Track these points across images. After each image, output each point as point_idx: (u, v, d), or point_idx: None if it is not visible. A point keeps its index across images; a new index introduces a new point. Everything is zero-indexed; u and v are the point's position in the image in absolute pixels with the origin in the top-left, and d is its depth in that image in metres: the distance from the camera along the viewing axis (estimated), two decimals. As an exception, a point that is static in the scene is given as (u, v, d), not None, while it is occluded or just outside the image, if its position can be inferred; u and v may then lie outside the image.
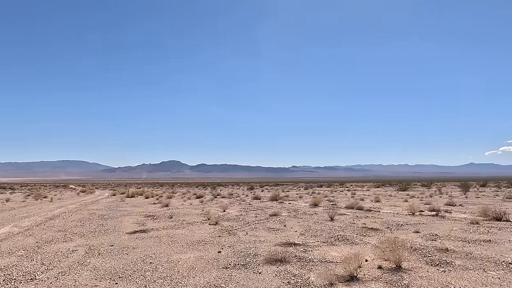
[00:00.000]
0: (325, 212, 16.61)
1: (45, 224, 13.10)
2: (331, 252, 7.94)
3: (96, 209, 19.43)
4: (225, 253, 7.82)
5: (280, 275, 6.08)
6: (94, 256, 7.65)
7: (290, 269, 6.46)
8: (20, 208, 20.44)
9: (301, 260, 7.10)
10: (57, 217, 15.33)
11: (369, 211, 16.98)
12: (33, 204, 23.99)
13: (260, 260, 7.13)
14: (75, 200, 30.09)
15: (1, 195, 37.37)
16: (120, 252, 8.00)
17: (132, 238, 9.90)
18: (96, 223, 13.30)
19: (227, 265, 6.78)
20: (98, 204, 23.70)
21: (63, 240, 9.66)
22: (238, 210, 17.92)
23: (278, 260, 6.93)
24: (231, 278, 5.94)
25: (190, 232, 10.98)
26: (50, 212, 17.98)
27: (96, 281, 5.77)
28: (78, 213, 17.17)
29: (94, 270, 6.46)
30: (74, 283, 5.69)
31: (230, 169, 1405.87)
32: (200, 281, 5.78)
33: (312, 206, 20.39)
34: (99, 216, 15.83)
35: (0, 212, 18.03)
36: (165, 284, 5.63)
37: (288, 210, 17.95)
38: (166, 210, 18.57)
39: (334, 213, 14.46)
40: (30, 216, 15.99)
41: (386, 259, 6.74)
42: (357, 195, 32.84)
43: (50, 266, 6.71)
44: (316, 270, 6.37)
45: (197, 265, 6.77)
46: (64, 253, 7.96)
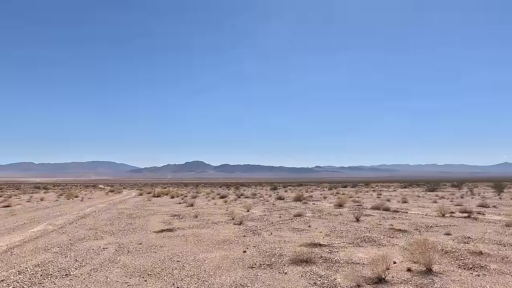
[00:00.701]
0: (350, 212, 16.35)
1: (77, 222, 13.65)
2: (357, 253, 7.82)
3: (124, 208, 20.03)
4: (250, 253, 7.87)
5: (306, 276, 6.05)
6: (123, 253, 7.90)
7: (316, 270, 6.41)
8: (54, 207, 21.40)
9: (327, 261, 7.04)
10: (88, 216, 15.93)
11: (396, 212, 16.55)
12: (65, 203, 25.06)
13: (285, 260, 7.12)
14: (104, 199, 31.14)
15: (36, 195, 39.24)
16: (148, 250, 8.22)
17: (159, 237, 10.14)
18: (125, 222, 13.72)
19: (253, 264, 6.82)
20: (126, 204, 24.43)
21: (94, 238, 10.03)
22: (261, 210, 17.95)
23: (303, 261, 6.90)
24: (256, 277, 5.98)
25: (215, 231, 11.11)
26: (81, 211, 18.71)
27: (126, 278, 5.96)
28: (108, 212, 17.77)
29: (124, 267, 6.68)
30: (105, 279, 5.90)
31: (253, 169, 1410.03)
32: (226, 280, 5.85)
33: (337, 206, 20.12)
34: (127, 215, 16.32)
35: (36, 210, 18.95)
36: (192, 282, 5.73)
37: (313, 210, 17.80)
38: (191, 209, 18.88)
39: (359, 214, 14.20)
40: (63, 214, 16.71)
41: (416, 262, 6.55)
42: (383, 196, 32.07)
43: (83, 263, 6.99)
44: (343, 272, 6.29)
45: (223, 264, 6.85)
46: (96, 250, 8.27)
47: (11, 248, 8.49)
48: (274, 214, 15.94)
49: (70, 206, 22.48)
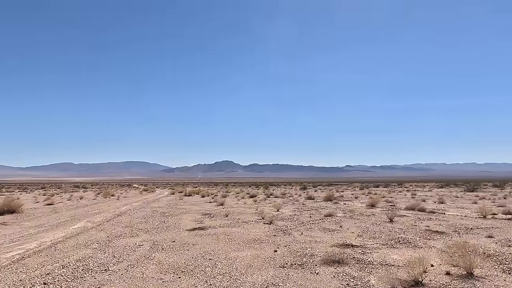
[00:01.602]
0: (383, 213, 15.90)
1: (113, 220, 14.24)
2: (391, 255, 7.59)
3: (158, 207, 20.65)
4: (281, 252, 7.86)
5: (338, 277, 5.95)
6: (158, 251, 8.15)
7: (349, 271, 6.29)
8: (92, 205, 22.46)
9: (360, 262, 6.89)
10: (123, 214, 16.58)
11: (432, 213, 15.88)
12: (102, 202, 26.24)
13: (317, 260, 7.05)
14: (138, 198, 32.27)
15: (76, 193, 41.37)
16: (181, 248, 8.42)
17: (192, 235, 10.36)
18: (158, 220, 14.15)
19: (284, 264, 6.81)
20: (159, 202, 25.17)
21: (130, 235, 10.42)
22: (291, 210, 17.87)
23: (335, 261, 6.79)
24: (288, 277, 5.96)
25: (245, 230, 11.20)
26: (117, 209, 19.50)
27: (161, 274, 6.15)
28: (142, 211, 18.39)
29: (159, 264, 6.89)
30: (141, 275, 6.12)
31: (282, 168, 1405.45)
32: (257, 278, 5.88)
33: (369, 207, 19.63)
34: (161, 213, 16.81)
35: (76, 208, 19.98)
36: (224, 280, 5.81)
37: (344, 210, 17.48)
38: (221, 208, 19.13)
39: (393, 215, 13.77)
40: (100, 212, 17.50)
41: (455, 265, 6.27)
42: (418, 196, 30.89)
43: (120, 259, 7.29)
44: (377, 273, 6.13)
45: (254, 263, 6.89)
46: (132, 247, 8.59)
47: (55, 243, 9.00)
48: (305, 214, 15.81)
49: (107, 204, 23.49)
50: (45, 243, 9.01)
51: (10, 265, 6.77)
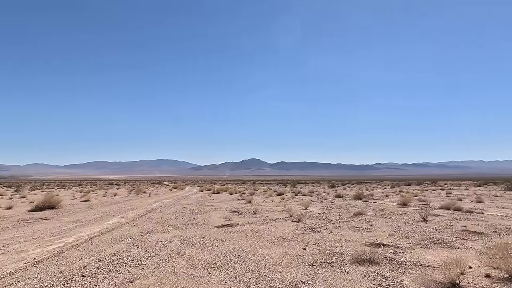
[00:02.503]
0: (416, 212, 15.35)
1: (145, 216, 14.69)
2: (426, 255, 7.31)
3: (187, 204, 21.08)
4: (310, 251, 7.79)
5: (369, 276, 5.81)
6: (188, 246, 8.32)
7: (380, 270, 6.13)
8: (125, 202, 23.30)
9: (392, 262, 6.69)
10: (155, 210, 17.07)
11: (469, 213, 15.15)
12: (135, 199, 27.16)
13: (347, 259, 6.92)
14: (168, 195, 33.11)
15: (110, 190, 43.06)
16: (210, 244, 8.55)
17: (220, 232, 10.49)
18: (188, 216, 14.44)
19: (313, 262, 6.74)
20: (188, 199, 25.70)
21: (161, 231, 10.71)
22: (320, 208, 17.66)
23: (366, 261, 6.63)
24: (317, 275, 5.89)
25: (273, 228, 11.19)
26: (149, 205, 20.11)
27: (192, 270, 6.27)
28: (172, 207, 18.85)
29: (189, 259, 7.04)
30: (173, 270, 6.27)
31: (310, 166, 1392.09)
32: (287, 276, 5.85)
33: (401, 205, 19.02)
34: (190, 210, 17.15)
35: (110, 205, 20.80)
36: (253, 277, 5.84)
37: (374, 209, 17.04)
38: (249, 206, 19.23)
39: (427, 214, 13.25)
40: (133, 208, 18.12)
41: (496, 268, 5.94)
42: (453, 195, 29.57)
43: (153, 254, 7.51)
44: (410, 274, 5.93)
45: (283, 261, 6.87)
46: (163, 242, 8.82)
47: (91, 238, 9.41)
48: (333, 212, 15.57)
49: (139, 201, 24.28)
50: (82, 238, 9.44)
51: (51, 257, 7.16)
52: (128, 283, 5.48)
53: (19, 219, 13.57)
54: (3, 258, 7.18)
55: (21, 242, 8.84)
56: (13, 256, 7.31)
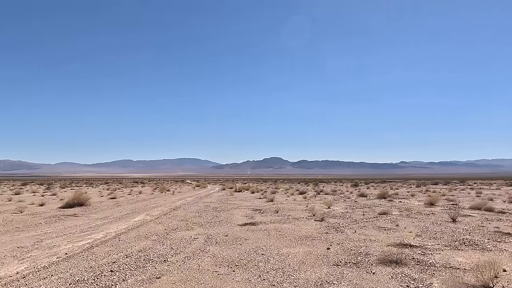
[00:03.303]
0: (444, 212, 14.85)
1: (170, 214, 14.97)
2: (456, 257, 7.05)
3: (210, 202, 21.33)
4: (334, 250, 7.69)
5: (396, 278, 5.67)
6: (212, 244, 8.41)
7: (408, 272, 5.96)
8: (150, 200, 23.85)
9: (420, 264, 6.49)
10: (179, 208, 17.37)
11: (502, 213, 14.49)
12: (159, 196, 27.74)
13: (372, 259, 6.78)
14: (191, 193, 33.61)
15: (135, 188, 44.18)
16: (234, 242, 8.61)
17: (243, 230, 10.54)
18: (211, 214, 14.60)
19: (338, 262, 6.65)
20: (211, 198, 25.99)
21: (185, 228, 10.88)
22: (343, 207, 17.40)
23: (393, 261, 6.47)
24: (343, 275, 5.81)
25: (296, 227, 11.12)
26: (173, 203, 20.49)
27: (216, 267, 6.34)
28: (195, 205, 19.12)
29: (213, 257, 7.11)
30: (198, 267, 6.36)
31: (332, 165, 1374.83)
32: (311, 276, 5.80)
33: (428, 205, 18.43)
34: (213, 208, 17.33)
35: (136, 202, 21.35)
36: (278, 275, 5.82)
37: (399, 209, 16.62)
38: (271, 205, 19.21)
39: (456, 214, 12.77)
40: (158, 206, 18.51)
41: (533, 271, 5.65)
42: (483, 195, 28.35)
43: (178, 251, 7.64)
44: (440, 276, 5.74)
45: (307, 260, 6.81)
46: (187, 240, 8.96)
47: (119, 234, 9.69)
48: (357, 212, 15.31)
49: (163, 199, 24.78)
50: (110, 234, 9.74)
51: (82, 253, 7.43)
52: (155, 279, 5.60)
53: (51, 215, 14.16)
54: (37, 252, 7.52)
55: (53, 238, 9.21)
56: (46, 251, 7.64)
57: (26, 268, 6.27)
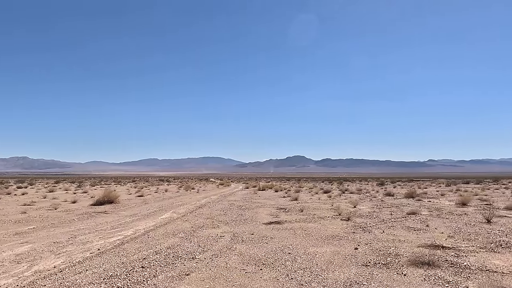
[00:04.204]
0: (477, 212, 14.23)
1: (196, 211, 15.21)
2: (492, 260, 6.74)
3: (234, 200, 21.49)
4: (362, 250, 7.54)
5: (429, 280, 5.49)
6: (238, 242, 8.47)
7: (442, 274, 5.76)
8: (176, 198, 24.33)
9: (454, 266, 6.25)
10: (204, 206, 17.61)
11: (541, 214, 13.71)
12: (184, 195, 28.24)
13: (403, 260, 6.60)
14: (215, 191, 33.99)
15: (161, 186, 45.20)
16: (260, 241, 8.63)
17: (269, 229, 10.54)
18: (236, 213, 14.70)
19: (367, 262, 6.52)
20: (235, 196, 26.18)
21: (211, 226, 11.02)
22: (369, 207, 17.04)
23: (425, 263, 6.27)
24: (372, 276, 5.69)
25: (322, 226, 11.00)
26: (198, 201, 20.80)
27: (244, 265, 6.37)
28: (220, 203, 19.32)
29: (240, 255, 7.16)
30: (225, 264, 6.42)
31: (357, 163, 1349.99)
32: (340, 276, 5.72)
33: (459, 205, 17.72)
34: (237, 206, 17.45)
35: (162, 200, 21.84)
36: (305, 275, 5.78)
37: (429, 208, 16.07)
38: (296, 203, 19.11)
39: (491, 215, 12.20)
40: (184, 204, 18.85)
41: None
42: (520, 194, 26.96)
43: (205, 248, 7.75)
44: (476, 279, 5.50)
45: (335, 260, 6.73)
46: (214, 238, 9.07)
47: (147, 231, 9.95)
48: (384, 211, 14.95)
49: (189, 197, 25.21)
50: (139, 231, 10.01)
51: (113, 249, 7.68)
52: (184, 276, 5.70)
53: (83, 212, 14.73)
54: (72, 248, 7.84)
55: (86, 234, 9.58)
56: (80, 246, 7.96)
57: (62, 262, 6.56)
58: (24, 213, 14.28)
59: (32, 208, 16.44)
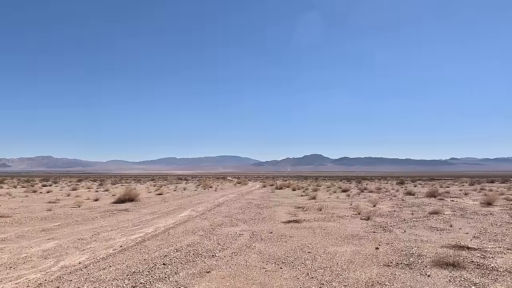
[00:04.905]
0: (504, 212, 13.75)
1: (214, 210, 15.34)
2: (521, 261, 6.48)
3: (252, 199, 21.53)
4: (383, 250, 7.41)
5: (455, 282, 5.34)
6: (257, 241, 8.49)
7: (467, 276, 5.59)
8: (194, 196, 24.60)
9: (481, 267, 6.06)
10: (222, 205, 17.74)
11: None
12: (202, 193, 28.53)
13: (426, 261, 6.44)
14: (233, 190, 34.15)
15: (180, 185, 45.80)
16: (279, 240, 8.61)
17: (287, 227, 10.51)
18: (254, 211, 14.73)
19: (388, 263, 6.40)
20: (252, 195, 26.24)
21: (230, 224, 11.08)
22: (390, 206, 16.73)
23: (449, 264, 6.10)
24: (395, 277, 5.58)
25: (341, 225, 10.88)
26: (216, 200, 20.96)
27: (263, 264, 6.38)
28: (238, 202, 19.41)
29: (259, 253, 7.17)
30: (245, 263, 6.45)
31: (375, 162, 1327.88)
32: (361, 276, 5.64)
33: (484, 205, 17.14)
34: (255, 205, 17.48)
35: (181, 198, 22.13)
36: (326, 274, 5.73)
37: (452, 208, 15.63)
38: (314, 202, 18.97)
39: (518, 215, 11.76)
40: (202, 202, 19.04)
41: None
42: (549, 194, 25.83)
43: (225, 246, 7.81)
44: (504, 282, 5.32)
45: (355, 260, 6.64)
46: (233, 236, 9.12)
47: (168, 229, 10.10)
48: (405, 211, 14.63)
49: (207, 195, 25.45)
50: (160, 229, 10.18)
51: (135, 246, 7.84)
52: (205, 273, 5.76)
53: (105, 210, 15.11)
54: (95, 244, 8.05)
55: (109, 231, 9.82)
56: (103, 243, 8.16)
57: (87, 258, 6.75)
58: (50, 210, 14.76)
59: (57, 205, 16.98)
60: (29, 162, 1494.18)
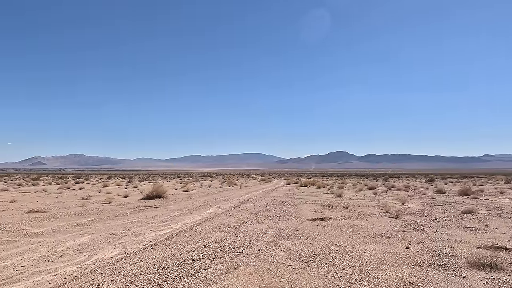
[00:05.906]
0: (545, 212, 12.97)
1: (239, 207, 15.44)
2: None
3: (276, 196, 21.51)
4: (414, 250, 7.19)
5: (492, 284, 5.09)
6: (284, 238, 8.46)
7: (506, 278, 5.32)
8: (219, 193, 24.87)
9: (521, 270, 5.75)
10: (247, 202, 17.82)
11: None
12: (227, 190, 28.79)
13: (461, 262, 6.18)
14: (257, 187, 34.26)
15: (205, 182, 46.46)
16: (305, 237, 8.54)
17: (314, 225, 10.41)
18: (279, 209, 14.70)
19: (420, 262, 6.20)
20: (277, 192, 26.20)
21: (256, 222, 11.12)
22: (419, 204, 16.20)
23: (486, 265, 5.83)
24: (427, 277, 5.39)
25: (369, 223, 10.65)
26: (241, 197, 21.10)
27: (291, 261, 6.35)
28: (263, 199, 19.44)
29: (286, 251, 7.14)
30: (272, 260, 6.44)
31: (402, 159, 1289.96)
32: (392, 275, 5.50)
33: (522, 204, 16.27)
34: (280, 202, 17.44)
35: (207, 195, 22.44)
36: (355, 273, 5.63)
37: (487, 207, 14.93)
38: (340, 200, 18.69)
39: (561, 215, 11.07)
40: (227, 199, 19.22)
41: None
42: None
43: (251, 243, 7.84)
44: (547, 285, 5.01)
45: (385, 259, 6.47)
46: (259, 233, 9.14)
47: (195, 225, 10.27)
48: (436, 209, 14.13)
49: (232, 192, 25.66)
50: (187, 225, 10.37)
51: (164, 241, 8.03)
52: (232, 270, 5.81)
53: (134, 206, 15.57)
54: (126, 239, 8.31)
55: (138, 227, 10.11)
56: (133, 238, 8.41)
57: (118, 253, 6.97)
58: (82, 206, 15.38)
59: (89, 201, 17.67)
60: (63, 160, 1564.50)
